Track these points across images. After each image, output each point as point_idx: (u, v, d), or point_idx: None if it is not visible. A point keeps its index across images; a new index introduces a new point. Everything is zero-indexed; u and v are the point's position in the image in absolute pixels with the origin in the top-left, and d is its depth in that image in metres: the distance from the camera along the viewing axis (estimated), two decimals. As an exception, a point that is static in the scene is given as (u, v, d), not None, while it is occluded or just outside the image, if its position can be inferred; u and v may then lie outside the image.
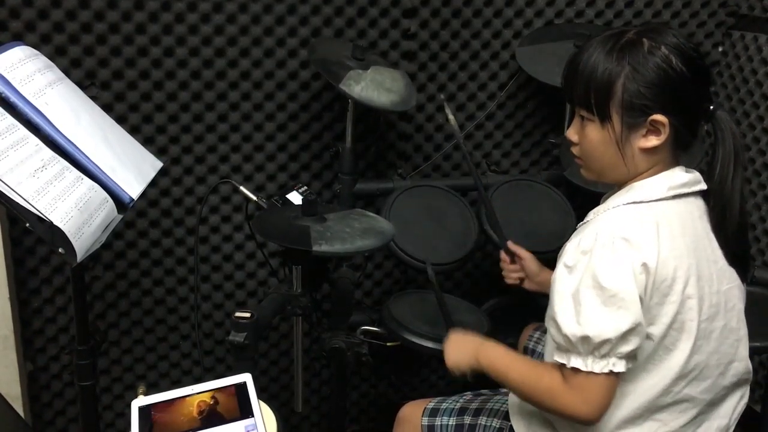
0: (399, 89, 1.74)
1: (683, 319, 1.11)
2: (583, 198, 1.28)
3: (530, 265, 1.59)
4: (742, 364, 1.22)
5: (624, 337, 1.06)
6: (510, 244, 1.61)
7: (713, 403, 1.20)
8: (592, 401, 1.10)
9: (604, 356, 1.07)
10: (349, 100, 1.75)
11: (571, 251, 1.14)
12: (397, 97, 1.71)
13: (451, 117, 1.63)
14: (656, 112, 1.10)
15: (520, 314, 2.08)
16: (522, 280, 1.62)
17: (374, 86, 1.67)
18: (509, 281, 1.63)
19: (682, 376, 1.14)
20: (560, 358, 1.13)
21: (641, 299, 1.07)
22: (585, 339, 1.07)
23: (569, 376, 1.12)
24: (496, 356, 1.27)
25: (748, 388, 1.27)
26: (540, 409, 1.23)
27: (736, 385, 1.23)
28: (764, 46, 2.02)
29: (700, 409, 1.18)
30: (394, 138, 2.02)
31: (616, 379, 1.10)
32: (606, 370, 1.08)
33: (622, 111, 1.12)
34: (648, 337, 1.11)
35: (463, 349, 1.33)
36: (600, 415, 1.12)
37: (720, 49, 2.18)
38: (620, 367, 1.08)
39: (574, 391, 1.11)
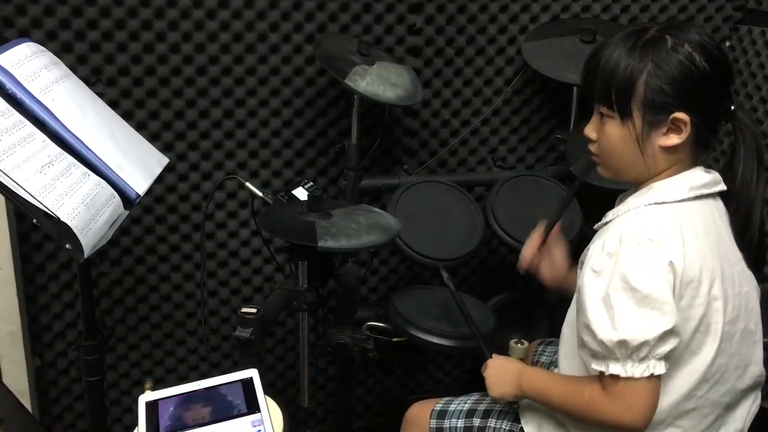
0: (405, 84, 1.73)
1: (709, 321, 1.10)
2: (589, 194, 1.27)
3: (559, 258, 1.50)
4: (758, 367, 1.21)
5: (662, 338, 1.04)
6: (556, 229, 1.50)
7: (729, 407, 1.19)
8: (636, 407, 1.07)
9: (642, 359, 1.05)
10: (355, 96, 1.75)
11: (596, 255, 1.11)
12: (403, 92, 1.71)
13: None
14: (678, 110, 1.09)
15: (527, 310, 2.08)
16: (529, 271, 1.52)
17: (380, 81, 1.67)
18: (523, 263, 1.51)
19: (705, 380, 1.12)
20: (598, 366, 1.09)
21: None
22: (622, 343, 1.04)
23: (609, 384, 1.09)
24: (537, 380, 1.26)
25: (760, 389, 1.26)
26: (589, 423, 1.19)
27: (751, 388, 1.22)
28: (772, 40, 2.01)
29: (718, 413, 1.17)
30: (400, 134, 2.01)
31: (657, 381, 1.07)
32: (647, 374, 1.05)
33: (644, 108, 1.10)
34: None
35: (506, 380, 1.30)
36: (647, 421, 1.08)
37: (727, 43, 2.17)
38: (660, 368, 1.05)
39: (616, 399, 1.08)
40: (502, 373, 1.32)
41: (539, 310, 2.09)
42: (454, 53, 1.97)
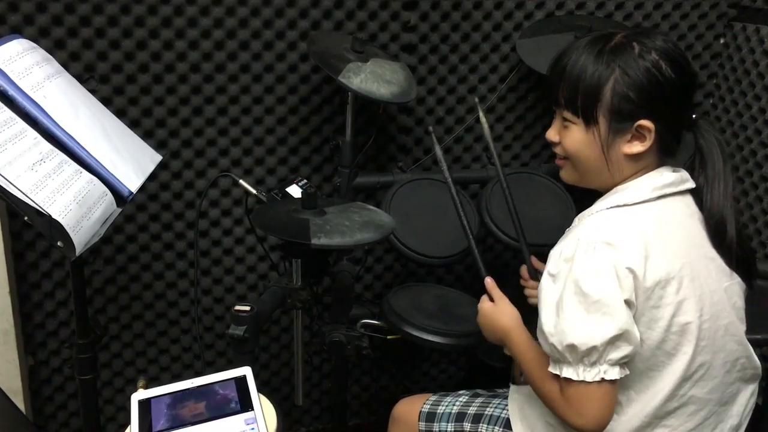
0: (399, 81, 1.73)
1: (681, 321, 1.09)
2: (583, 191, 1.27)
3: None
4: (750, 361, 1.20)
5: (611, 342, 1.04)
6: (534, 261, 1.50)
7: (724, 403, 1.18)
8: (586, 413, 1.07)
9: (594, 364, 1.05)
10: (349, 93, 1.74)
11: (554, 259, 1.12)
12: (397, 89, 1.71)
13: (483, 119, 1.53)
14: (643, 118, 1.09)
15: (522, 308, 2.08)
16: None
17: (374, 78, 1.66)
18: (532, 301, 1.48)
19: (686, 379, 1.12)
20: (553, 369, 1.11)
21: (630, 303, 1.05)
22: (571, 347, 1.05)
23: (564, 386, 1.10)
24: (519, 344, 1.24)
25: (758, 384, 1.25)
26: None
27: (744, 381, 1.21)
28: (766, 37, 2.01)
29: (709, 410, 1.16)
30: (395, 131, 2.01)
31: (611, 387, 1.07)
32: (598, 378, 1.05)
33: (610, 115, 1.10)
34: (646, 342, 1.08)
35: (494, 332, 1.30)
36: (599, 427, 1.08)
37: (722, 41, 2.17)
38: (613, 374, 1.05)
39: (568, 402, 1.09)
40: (493, 324, 1.30)
41: (534, 307, 2.09)
42: (449, 50, 1.97)
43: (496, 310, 1.30)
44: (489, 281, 1.35)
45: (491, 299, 1.32)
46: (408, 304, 1.68)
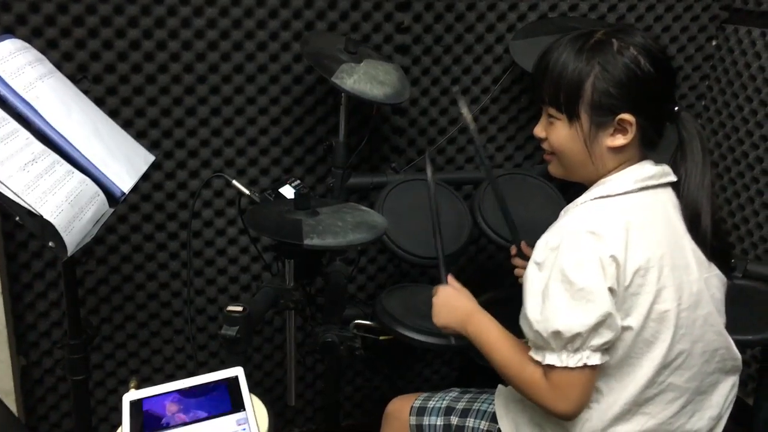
0: (392, 82, 1.73)
1: (660, 309, 1.12)
2: (577, 192, 1.28)
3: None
4: (729, 352, 1.22)
5: (595, 329, 1.07)
6: (524, 246, 1.56)
7: (702, 392, 1.21)
8: (569, 397, 1.11)
9: (577, 350, 1.08)
10: (342, 94, 1.74)
11: (540, 248, 1.15)
12: (391, 89, 1.71)
13: (465, 111, 1.55)
14: (624, 112, 1.13)
15: (515, 307, 2.08)
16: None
17: (367, 79, 1.67)
18: (521, 280, 1.58)
19: (665, 366, 1.15)
20: (535, 356, 1.14)
21: (613, 290, 1.08)
22: (556, 334, 1.08)
23: (547, 372, 1.13)
24: (485, 330, 1.27)
25: (738, 376, 1.27)
26: (518, 392, 1.24)
27: (724, 372, 1.23)
28: (758, 39, 2.02)
29: (687, 398, 1.18)
30: (388, 132, 2.01)
31: (592, 372, 1.11)
32: (581, 364, 1.08)
33: (591, 110, 1.14)
34: (626, 329, 1.11)
35: (453, 314, 1.33)
36: (577, 411, 1.13)
37: (713, 42, 2.18)
38: (595, 359, 1.09)
39: (552, 387, 1.12)
40: (451, 304, 1.34)
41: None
42: (442, 51, 1.97)
43: (460, 294, 1.36)
44: (450, 277, 1.41)
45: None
46: (401, 304, 1.68)
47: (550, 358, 1.11)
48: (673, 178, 1.19)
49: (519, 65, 1.92)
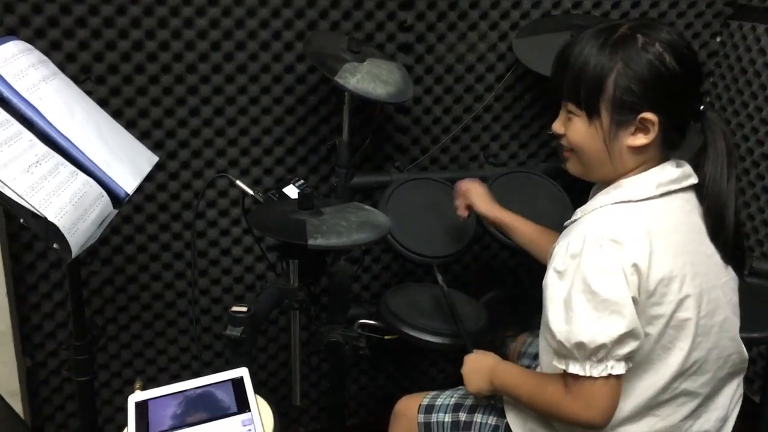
0: (395, 81, 1.73)
1: (681, 317, 1.10)
2: (581, 190, 1.27)
3: (479, 203, 1.60)
4: (739, 355, 1.21)
5: (619, 340, 1.05)
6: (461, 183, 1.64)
7: (711, 395, 1.20)
8: (594, 406, 1.09)
9: (601, 360, 1.06)
10: (345, 93, 1.74)
11: (560, 255, 1.11)
12: (394, 88, 1.70)
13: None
14: (646, 110, 1.08)
15: (519, 306, 2.08)
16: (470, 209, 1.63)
17: (370, 78, 1.66)
18: (459, 212, 1.65)
19: (681, 373, 1.13)
20: (559, 364, 1.11)
21: (635, 300, 1.05)
22: (580, 345, 1.06)
23: (570, 383, 1.10)
24: (507, 377, 1.29)
25: (743, 376, 1.26)
26: (552, 420, 1.22)
27: (732, 375, 1.23)
28: (762, 36, 2.01)
29: (698, 402, 1.17)
30: (391, 131, 2.01)
31: (617, 381, 1.08)
32: (605, 374, 1.06)
33: (612, 107, 1.09)
34: (646, 335, 1.09)
35: (480, 375, 1.34)
36: (606, 420, 1.10)
37: (718, 39, 2.17)
38: (619, 369, 1.06)
39: (575, 398, 1.10)
40: (476, 368, 1.36)
41: (531, 306, 2.09)
42: (445, 50, 1.97)
43: (478, 357, 1.39)
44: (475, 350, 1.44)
45: None
46: (405, 303, 1.68)
47: (574, 368, 1.08)
48: (694, 180, 1.15)
49: (522, 63, 1.91)
